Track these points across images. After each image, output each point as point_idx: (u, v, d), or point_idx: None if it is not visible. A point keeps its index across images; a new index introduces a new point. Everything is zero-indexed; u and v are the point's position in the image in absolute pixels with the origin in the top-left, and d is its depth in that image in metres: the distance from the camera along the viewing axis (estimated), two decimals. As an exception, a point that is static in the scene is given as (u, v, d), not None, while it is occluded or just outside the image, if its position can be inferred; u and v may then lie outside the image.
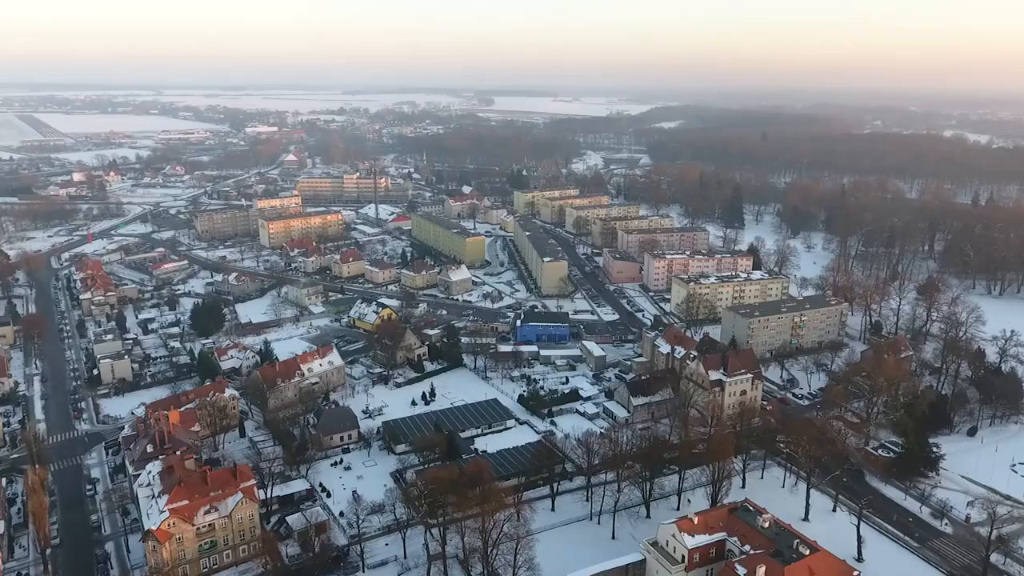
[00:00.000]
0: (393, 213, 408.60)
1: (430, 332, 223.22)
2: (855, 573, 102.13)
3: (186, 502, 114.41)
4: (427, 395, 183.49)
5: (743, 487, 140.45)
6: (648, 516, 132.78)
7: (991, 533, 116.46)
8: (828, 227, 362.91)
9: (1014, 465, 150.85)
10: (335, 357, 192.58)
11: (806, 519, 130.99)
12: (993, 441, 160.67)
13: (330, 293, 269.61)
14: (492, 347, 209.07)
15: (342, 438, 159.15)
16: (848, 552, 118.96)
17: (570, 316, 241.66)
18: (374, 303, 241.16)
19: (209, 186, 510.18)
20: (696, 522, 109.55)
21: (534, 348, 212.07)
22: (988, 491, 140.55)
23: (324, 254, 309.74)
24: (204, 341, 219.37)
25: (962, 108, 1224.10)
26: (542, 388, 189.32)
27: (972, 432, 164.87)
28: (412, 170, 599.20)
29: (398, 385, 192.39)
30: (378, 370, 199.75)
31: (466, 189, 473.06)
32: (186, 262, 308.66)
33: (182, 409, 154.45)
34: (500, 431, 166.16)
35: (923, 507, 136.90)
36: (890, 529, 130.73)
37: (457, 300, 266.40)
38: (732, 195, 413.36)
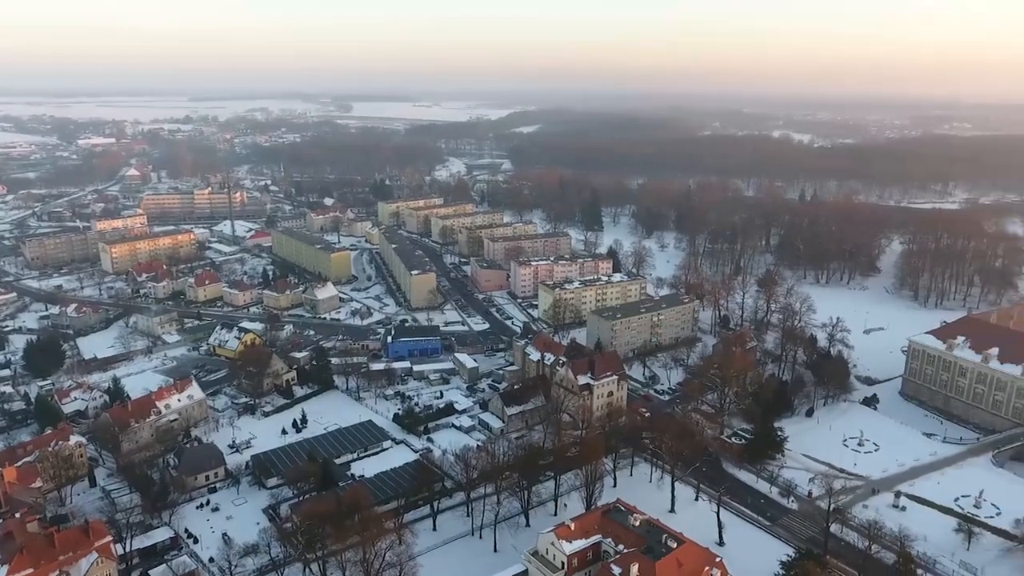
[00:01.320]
0: (251, 229, 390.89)
1: (298, 355, 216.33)
2: (717, 559, 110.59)
3: (31, 571, 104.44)
4: (298, 422, 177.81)
5: (614, 486, 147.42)
6: (528, 525, 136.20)
7: (829, 505, 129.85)
8: (678, 227, 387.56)
9: (845, 440, 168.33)
10: (195, 390, 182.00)
11: (672, 511, 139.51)
12: (827, 420, 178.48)
13: (185, 320, 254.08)
14: (364, 366, 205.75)
15: (207, 477, 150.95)
16: (711, 538, 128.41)
17: (441, 328, 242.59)
18: (235, 328, 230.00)
19: (38, 206, 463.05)
20: (573, 528, 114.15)
21: (406, 364, 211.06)
22: (826, 467, 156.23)
23: (176, 277, 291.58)
24: (41, 383, 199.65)
25: (787, 109, 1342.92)
26: (417, 405, 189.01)
27: (810, 413, 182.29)
28: (269, 182, 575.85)
29: (266, 414, 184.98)
30: (244, 400, 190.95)
31: (328, 201, 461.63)
32: (14, 294, 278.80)
33: (19, 464, 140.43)
34: (377, 453, 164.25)
35: (772, 487, 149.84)
36: (745, 511, 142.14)
37: (325, 319, 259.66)
38: (590, 199, 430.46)
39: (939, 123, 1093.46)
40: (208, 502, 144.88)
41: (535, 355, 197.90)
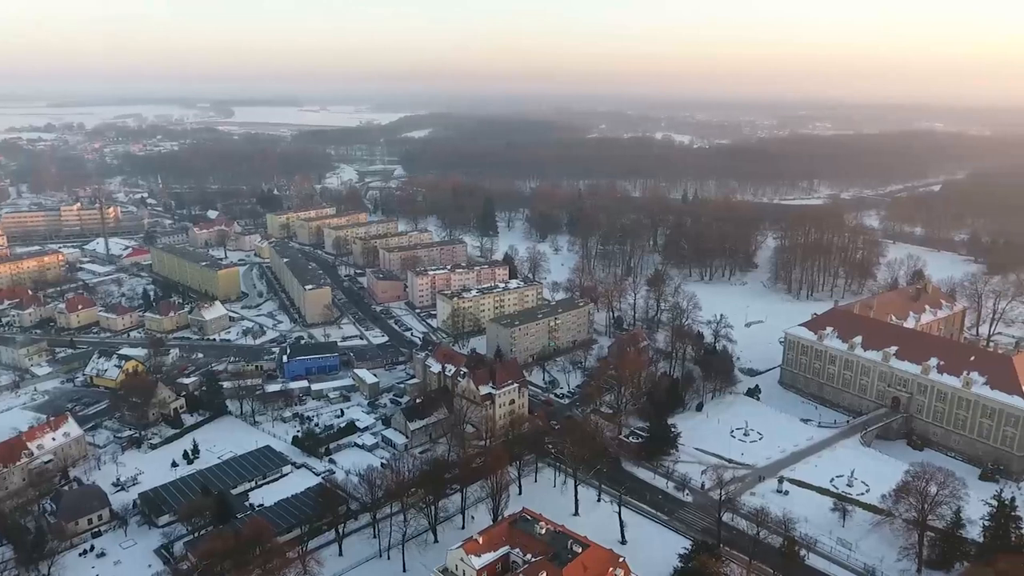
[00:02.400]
0: (128, 247, 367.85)
1: (186, 381, 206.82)
2: (620, 559, 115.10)
3: None
4: (189, 453, 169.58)
5: (520, 494, 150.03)
6: (436, 541, 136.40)
7: (721, 496, 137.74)
8: (571, 230, 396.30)
9: (732, 431, 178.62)
10: (71, 427, 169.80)
11: (576, 513, 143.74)
12: (716, 413, 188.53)
13: (57, 349, 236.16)
14: (259, 388, 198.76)
15: (90, 520, 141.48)
16: (614, 537, 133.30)
17: (338, 344, 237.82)
18: (115, 355, 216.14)
19: None
20: (481, 542, 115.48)
21: (304, 383, 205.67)
22: (716, 458, 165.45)
23: (44, 303, 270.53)
24: None
25: (668, 111, 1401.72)
26: (317, 425, 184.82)
27: (700, 407, 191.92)
28: (146, 195, 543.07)
29: (154, 447, 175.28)
30: (128, 433, 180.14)
31: (212, 214, 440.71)
32: None
33: None
34: (276, 479, 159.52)
35: (669, 482, 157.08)
36: (645, 508, 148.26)
37: (214, 340, 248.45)
38: (485, 204, 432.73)
39: (803, 123, 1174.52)
40: (92, 548, 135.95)
41: (436, 367, 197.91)
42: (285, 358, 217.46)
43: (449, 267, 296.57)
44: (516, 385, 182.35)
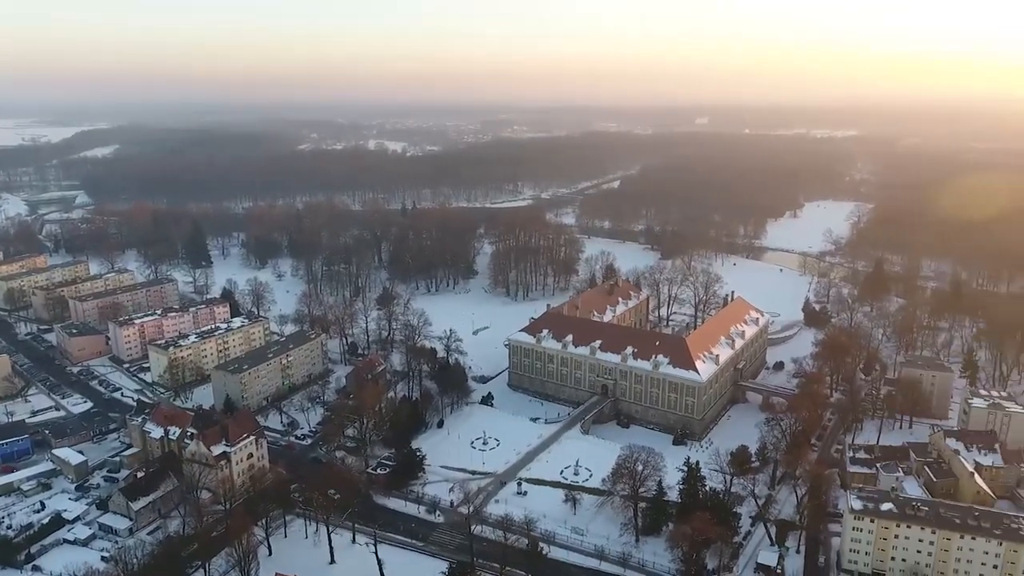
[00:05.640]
0: None
1: None
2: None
3: None
4: None
5: (270, 555, 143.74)
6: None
7: (469, 511, 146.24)
8: (292, 252, 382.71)
9: (472, 443, 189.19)
10: None
11: (333, 562, 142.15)
12: (455, 427, 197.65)
13: None
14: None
15: None
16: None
17: (27, 421, 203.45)
18: None
19: None
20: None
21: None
22: (462, 473, 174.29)
23: None
24: None
25: (378, 118, 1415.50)
26: (10, 528, 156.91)
27: (440, 424, 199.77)
28: None
29: None
30: None
31: None
32: None
33: None
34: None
35: (420, 507, 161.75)
36: (400, 539, 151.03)
37: None
38: (193, 232, 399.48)
39: (503, 127, 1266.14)
40: None
41: (157, 431, 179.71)
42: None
43: (160, 311, 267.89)
44: (252, 437, 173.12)
